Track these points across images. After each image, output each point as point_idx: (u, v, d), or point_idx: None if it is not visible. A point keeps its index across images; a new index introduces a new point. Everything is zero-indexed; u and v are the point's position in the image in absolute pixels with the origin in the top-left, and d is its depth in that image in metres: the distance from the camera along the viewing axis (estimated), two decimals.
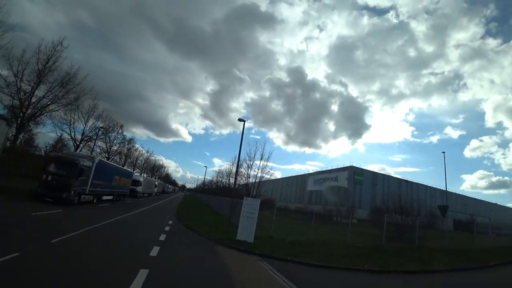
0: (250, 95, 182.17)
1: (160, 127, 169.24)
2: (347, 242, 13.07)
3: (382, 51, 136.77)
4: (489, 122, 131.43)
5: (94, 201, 18.80)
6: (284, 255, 8.95)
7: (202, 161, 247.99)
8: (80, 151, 27.93)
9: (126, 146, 42.53)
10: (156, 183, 52.72)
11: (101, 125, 31.23)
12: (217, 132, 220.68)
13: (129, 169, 38.71)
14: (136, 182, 34.23)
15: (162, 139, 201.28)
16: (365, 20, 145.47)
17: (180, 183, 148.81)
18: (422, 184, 58.45)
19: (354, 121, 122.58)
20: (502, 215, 63.95)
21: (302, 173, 67.49)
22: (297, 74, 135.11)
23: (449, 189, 68.04)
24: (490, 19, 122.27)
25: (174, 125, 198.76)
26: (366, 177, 48.94)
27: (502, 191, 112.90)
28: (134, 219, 14.40)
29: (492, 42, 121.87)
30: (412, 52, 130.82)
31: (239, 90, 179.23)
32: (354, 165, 49.23)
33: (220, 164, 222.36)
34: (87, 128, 29.20)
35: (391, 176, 55.62)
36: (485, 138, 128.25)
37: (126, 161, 45.90)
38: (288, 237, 12.52)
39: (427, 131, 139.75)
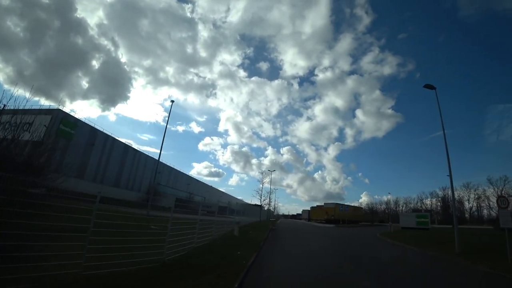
0: None
1: None
2: None
3: (166, 33, 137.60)
4: (221, 127, 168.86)
5: None
6: None
7: None
8: None
9: None
10: None
11: None
12: None
13: None
14: None
15: None
16: None
17: None
18: (152, 158, 57.31)
19: (113, 87, 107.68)
20: (214, 195, 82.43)
21: None
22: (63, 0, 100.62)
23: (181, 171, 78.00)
24: (247, 57, 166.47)
25: None
26: (80, 133, 36.55)
27: (216, 179, 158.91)
28: None
29: (241, 73, 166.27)
30: (189, 49, 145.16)
31: None
32: (66, 110, 35.46)
33: None
34: None
35: (120, 141, 47.67)
36: (215, 138, 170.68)
37: None
38: None
39: (177, 120, 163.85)
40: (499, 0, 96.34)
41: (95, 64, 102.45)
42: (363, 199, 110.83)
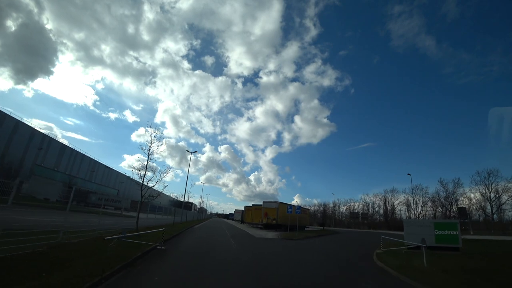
0: None
1: None
2: None
3: (105, 6, 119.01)
4: (158, 118, 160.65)
5: None
6: None
7: None
8: None
9: None
10: None
11: None
12: None
13: None
14: None
15: None
16: None
17: None
18: (28, 126, 50.45)
19: (32, 56, 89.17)
20: (133, 188, 66.85)
21: None
22: None
23: (105, 163, 70.42)
24: (193, 48, 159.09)
25: None
26: None
27: (149, 173, 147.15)
28: None
29: (185, 64, 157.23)
30: (130, 29, 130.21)
31: None
32: None
33: None
34: None
35: None
36: (150, 130, 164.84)
37: None
38: None
39: (110, 106, 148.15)
40: (420, 39, 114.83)
41: (11, 24, 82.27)
42: (295, 201, 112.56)
